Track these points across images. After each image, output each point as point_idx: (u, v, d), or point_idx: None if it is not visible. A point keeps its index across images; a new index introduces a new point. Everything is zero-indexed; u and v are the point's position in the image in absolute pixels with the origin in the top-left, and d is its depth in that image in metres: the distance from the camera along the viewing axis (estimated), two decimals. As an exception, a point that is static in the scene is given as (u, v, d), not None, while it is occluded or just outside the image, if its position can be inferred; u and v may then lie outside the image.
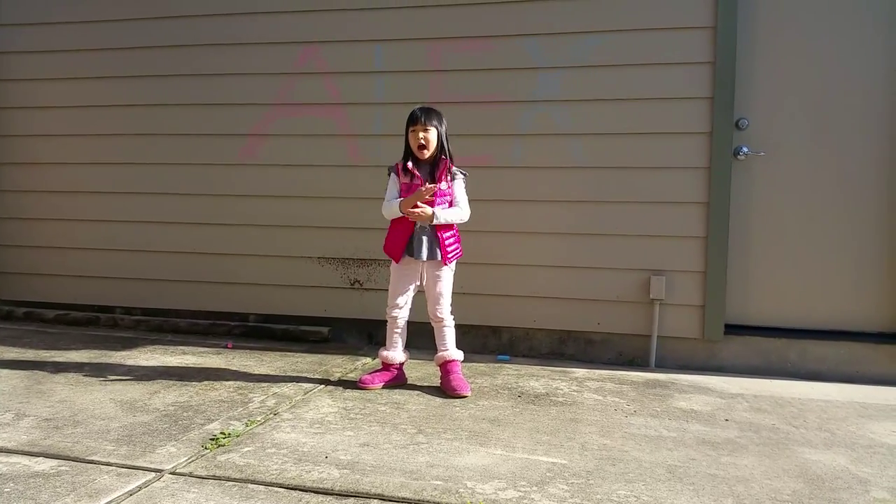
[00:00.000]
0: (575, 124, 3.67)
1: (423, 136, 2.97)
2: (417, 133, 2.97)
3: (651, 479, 2.18)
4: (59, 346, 3.74)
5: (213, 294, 4.20)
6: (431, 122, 2.99)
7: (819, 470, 2.29)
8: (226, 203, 4.14)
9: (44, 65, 4.37)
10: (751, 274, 3.66)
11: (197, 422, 2.61)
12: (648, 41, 3.56)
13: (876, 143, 3.53)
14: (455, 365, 3.10)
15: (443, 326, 3.12)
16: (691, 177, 3.56)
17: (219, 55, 4.09)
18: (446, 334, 3.12)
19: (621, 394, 3.11)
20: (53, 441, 2.39)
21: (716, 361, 3.62)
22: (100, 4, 4.25)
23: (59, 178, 4.39)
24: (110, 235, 4.33)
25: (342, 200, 3.97)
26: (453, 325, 3.15)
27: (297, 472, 2.16)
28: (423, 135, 2.97)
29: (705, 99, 3.52)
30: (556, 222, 3.72)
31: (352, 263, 3.99)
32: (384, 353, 3.15)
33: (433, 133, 2.99)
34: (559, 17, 3.66)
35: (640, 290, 3.63)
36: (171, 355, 3.62)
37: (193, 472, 2.16)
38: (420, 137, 2.97)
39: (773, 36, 3.59)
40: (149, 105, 4.22)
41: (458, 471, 2.20)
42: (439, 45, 3.80)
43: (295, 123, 4.01)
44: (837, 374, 3.49)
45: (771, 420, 2.80)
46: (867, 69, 3.52)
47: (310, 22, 3.96)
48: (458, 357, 3.12)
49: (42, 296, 4.48)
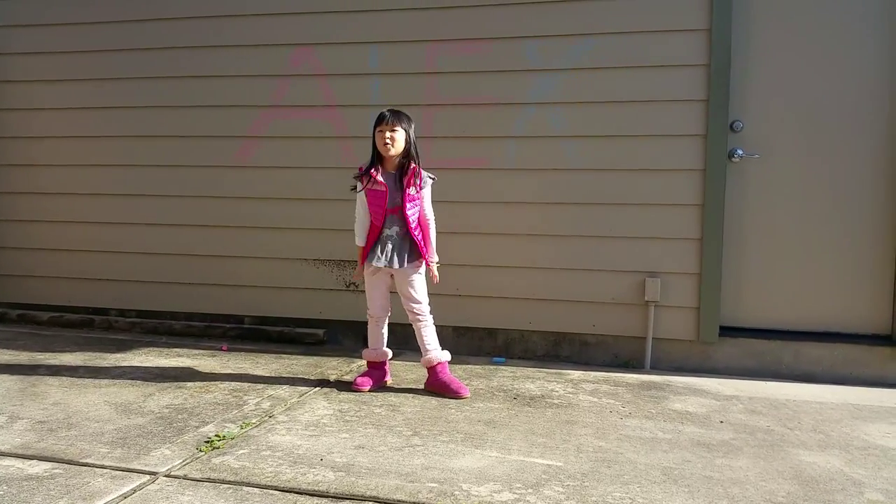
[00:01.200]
0: (570, 126, 3.67)
1: (389, 135, 2.96)
2: (384, 133, 2.97)
3: (646, 480, 2.19)
4: (54, 349, 3.73)
5: (208, 296, 4.19)
6: (400, 123, 2.99)
7: (813, 472, 2.30)
8: (221, 205, 4.13)
9: (38, 66, 4.36)
10: (745, 276, 3.67)
11: (192, 424, 2.60)
12: (643, 44, 3.57)
13: (870, 145, 3.54)
14: (444, 366, 3.09)
15: (421, 326, 3.10)
16: (686, 179, 3.57)
17: (214, 57, 4.09)
18: (426, 334, 3.10)
19: (616, 396, 3.12)
20: (47, 444, 2.38)
21: (710, 363, 3.63)
22: (94, 6, 4.24)
23: (53, 180, 4.38)
24: (105, 237, 4.32)
25: (337, 202, 3.95)
26: (431, 321, 3.13)
27: (293, 475, 2.15)
28: (389, 134, 2.96)
29: (700, 101, 3.53)
30: (551, 224, 3.72)
31: (347, 265, 3.98)
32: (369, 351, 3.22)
33: (400, 133, 2.98)
34: (554, 19, 3.66)
35: (635, 291, 3.64)
36: (165, 357, 3.62)
37: (188, 475, 2.15)
38: (386, 137, 2.96)
39: (768, 39, 3.61)
40: (143, 107, 4.21)
41: (454, 473, 2.20)
42: (434, 47, 3.80)
43: (290, 125, 4.01)
44: (831, 375, 3.50)
45: (765, 422, 2.80)
46: (861, 72, 3.54)
47: (304, 24, 3.96)
48: (445, 358, 3.11)
49: (36, 298, 4.46)
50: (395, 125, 2.97)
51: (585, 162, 3.67)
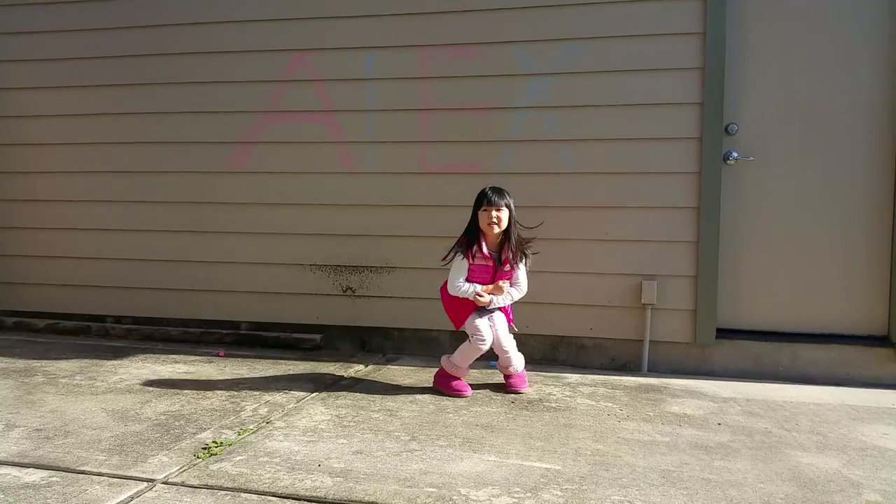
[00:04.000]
0: (564, 130, 3.68)
1: (496, 215, 3.05)
2: (490, 213, 3.05)
3: (645, 484, 2.19)
4: (50, 356, 3.72)
5: (204, 302, 4.18)
6: (503, 201, 3.08)
7: (811, 473, 2.30)
8: (217, 211, 4.13)
9: (32, 73, 4.35)
10: (741, 278, 3.68)
11: (189, 431, 2.59)
12: (637, 47, 3.58)
13: (864, 146, 3.56)
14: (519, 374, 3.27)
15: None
16: (681, 182, 3.58)
17: (210, 63, 4.09)
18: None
19: (614, 399, 3.12)
20: (44, 451, 2.37)
21: (708, 365, 3.63)
22: (88, 13, 4.24)
23: (48, 187, 4.37)
24: (101, 244, 4.31)
25: (334, 207, 3.97)
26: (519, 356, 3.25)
27: (290, 481, 2.15)
28: (496, 214, 3.06)
29: (695, 104, 3.54)
30: (545, 228, 3.70)
31: (344, 270, 3.98)
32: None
33: (504, 213, 3.08)
34: (548, 24, 3.67)
35: (631, 294, 3.65)
36: (162, 364, 3.61)
37: (185, 482, 2.14)
38: (493, 217, 3.05)
39: (762, 41, 3.62)
40: (138, 113, 4.20)
41: (452, 478, 2.19)
42: (429, 52, 3.81)
43: (286, 130, 4.01)
44: (828, 377, 3.51)
45: (763, 424, 2.81)
46: (855, 74, 3.55)
47: (299, 29, 3.96)
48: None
49: (32, 305, 4.45)
50: (501, 206, 3.07)
51: (580, 165, 3.67)
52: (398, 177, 3.86)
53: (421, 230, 3.83)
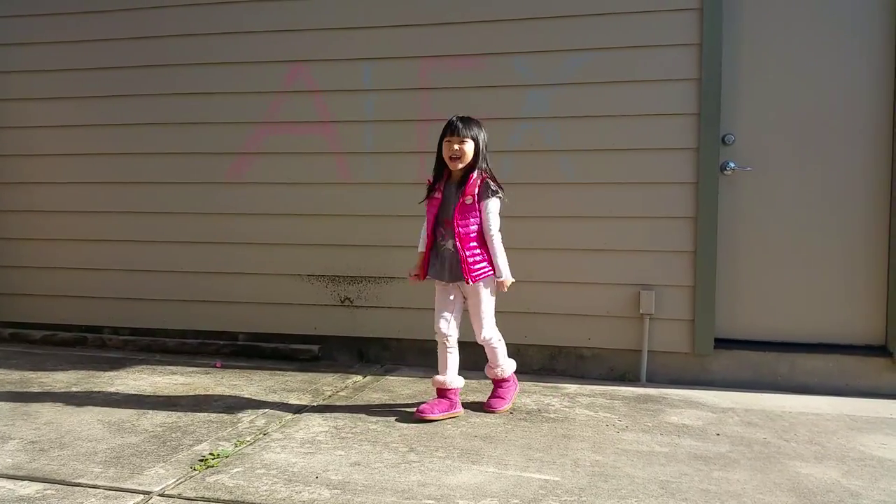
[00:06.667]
0: (563, 141, 3.69)
1: (457, 147, 2.81)
2: (452, 144, 2.82)
3: (644, 494, 2.18)
4: (46, 367, 3.70)
5: (201, 313, 4.17)
6: (470, 132, 2.82)
7: (810, 483, 2.30)
8: (215, 221, 4.12)
9: (30, 84, 4.36)
10: (739, 288, 3.68)
11: (186, 442, 2.58)
12: (635, 58, 3.60)
13: (861, 156, 3.57)
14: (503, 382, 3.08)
15: (490, 347, 3.02)
16: (679, 192, 3.59)
17: (209, 74, 4.10)
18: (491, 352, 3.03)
19: (613, 409, 3.11)
20: (39, 464, 2.35)
21: (706, 376, 3.63)
22: (87, 24, 4.26)
23: (45, 198, 4.37)
24: (98, 255, 4.30)
25: (332, 218, 3.97)
26: (500, 342, 3.03)
27: (288, 493, 2.14)
28: (457, 146, 2.81)
29: (691, 115, 3.56)
30: (545, 238, 3.73)
31: (342, 281, 3.98)
32: (436, 377, 2.96)
33: (469, 145, 2.82)
34: (547, 35, 3.69)
35: (629, 304, 3.64)
36: (159, 375, 3.59)
37: (182, 494, 2.13)
38: (454, 149, 2.81)
39: (758, 52, 3.64)
40: (136, 124, 4.21)
41: (451, 489, 2.18)
42: (428, 63, 3.82)
43: (284, 141, 4.01)
44: (827, 387, 3.50)
45: (762, 434, 2.80)
46: (851, 84, 3.57)
47: (298, 41, 3.98)
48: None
49: (29, 316, 4.44)
50: (465, 136, 2.81)
51: (579, 176, 3.68)
52: (396, 187, 3.86)
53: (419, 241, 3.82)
